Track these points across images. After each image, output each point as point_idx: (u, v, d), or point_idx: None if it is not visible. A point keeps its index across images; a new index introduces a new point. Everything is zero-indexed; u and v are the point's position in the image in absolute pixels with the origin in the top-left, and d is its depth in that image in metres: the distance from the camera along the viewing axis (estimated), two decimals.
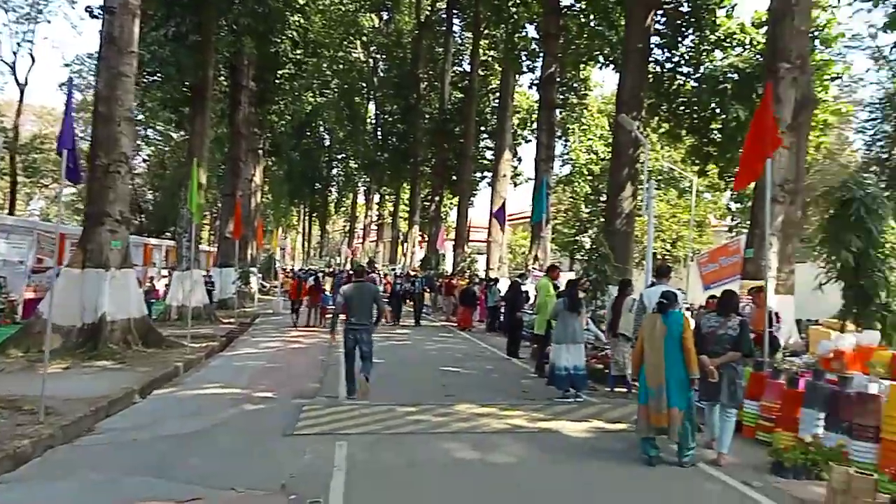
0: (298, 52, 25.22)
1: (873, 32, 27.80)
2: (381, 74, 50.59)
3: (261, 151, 35.14)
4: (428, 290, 24.36)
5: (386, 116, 49.35)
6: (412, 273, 31.81)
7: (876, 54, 27.17)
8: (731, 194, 22.34)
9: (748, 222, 23.75)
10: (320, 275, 28.68)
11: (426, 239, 40.57)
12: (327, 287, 21.20)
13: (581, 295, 9.33)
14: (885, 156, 23.35)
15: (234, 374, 10.22)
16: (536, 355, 11.10)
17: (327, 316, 18.31)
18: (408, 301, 21.82)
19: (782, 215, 12.39)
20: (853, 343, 6.71)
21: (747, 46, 19.91)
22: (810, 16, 14.22)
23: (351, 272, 15.65)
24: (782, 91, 12.05)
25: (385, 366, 11.29)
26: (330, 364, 11.47)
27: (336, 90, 51.30)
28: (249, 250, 30.20)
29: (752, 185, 12.53)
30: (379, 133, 50.02)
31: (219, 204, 33.90)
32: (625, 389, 9.02)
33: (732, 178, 21.03)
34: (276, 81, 26.40)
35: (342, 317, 8.60)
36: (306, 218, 71.91)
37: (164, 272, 26.01)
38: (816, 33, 18.79)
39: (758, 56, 19.14)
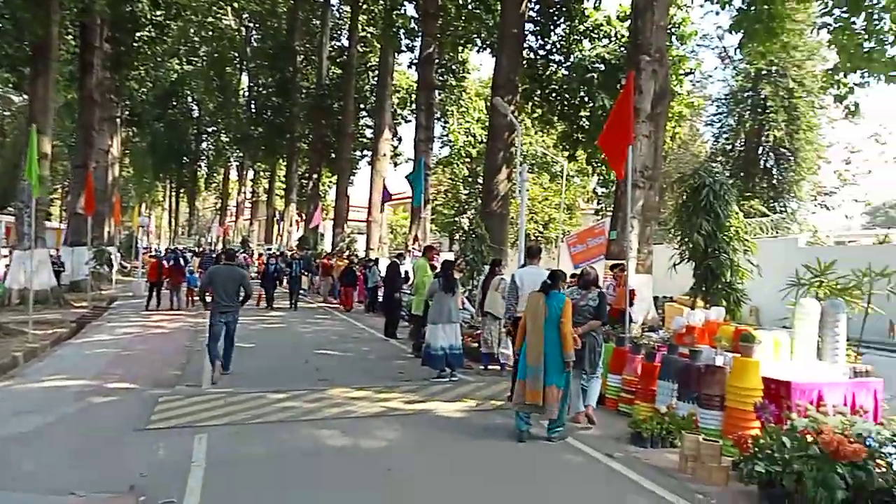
0: (159, 13, 23.24)
1: (720, 33, 30.38)
2: (255, 44, 48.24)
3: (119, 120, 32.32)
4: (306, 272, 23.13)
5: (260, 89, 47.21)
6: (288, 252, 30.77)
7: (722, 54, 29.71)
8: (599, 179, 23.55)
9: (612, 206, 25.10)
10: (189, 255, 26.99)
11: (304, 218, 39.44)
12: (195, 267, 20.01)
13: (457, 275, 9.37)
14: (729, 147, 25.67)
15: (84, 364, 9.30)
16: (414, 335, 11.09)
17: (195, 298, 17.41)
18: (282, 283, 20.99)
19: (642, 200, 13.17)
20: (702, 319, 7.25)
21: (613, 39, 20.94)
22: (668, 12, 15.12)
23: (221, 254, 14.92)
24: (643, 82, 12.73)
25: (255, 350, 10.84)
26: (195, 350, 10.76)
27: (205, 58, 48.38)
28: (107, 228, 27.77)
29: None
30: (253, 106, 47.74)
31: (71, 177, 30.78)
32: (498, 367, 9.23)
33: (600, 164, 22.21)
34: (135, 44, 24.16)
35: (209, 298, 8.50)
36: (173, 194, 67.40)
37: (4, 251, 23.31)
38: (673, 30, 20.12)
39: (622, 48, 20.22)
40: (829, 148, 28.14)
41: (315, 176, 37.33)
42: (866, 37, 13.57)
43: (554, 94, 21.98)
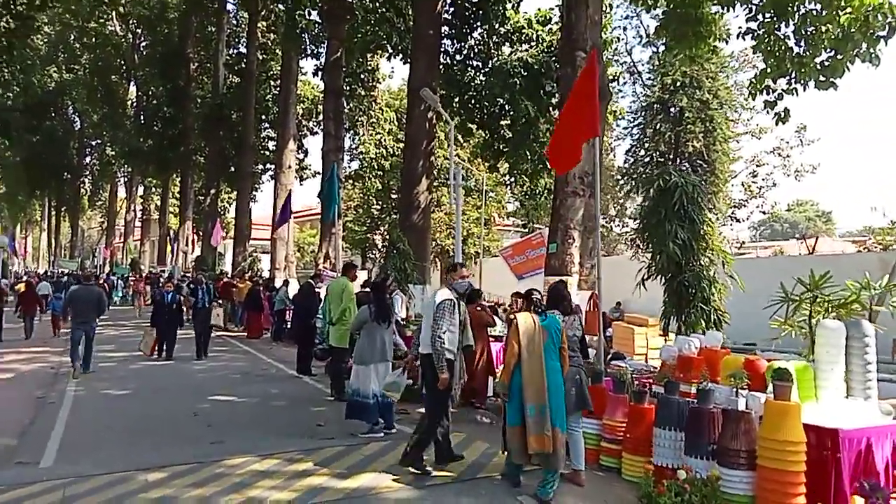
0: (21, 3, 19.89)
1: (629, 48, 30.51)
2: (144, 52, 44.56)
3: None
4: (218, 302, 17.79)
5: (150, 99, 43.51)
6: (186, 275, 27.62)
7: (631, 68, 29.82)
8: (523, 192, 22.54)
9: (540, 219, 23.91)
10: (67, 279, 23.53)
11: (200, 237, 36.22)
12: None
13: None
14: (648, 158, 25.46)
15: None
16: (332, 372, 9.19)
17: (60, 329, 14.98)
18: (186, 319, 14.36)
19: (582, 209, 12.07)
20: (697, 346, 5.96)
21: (534, 43, 20.04)
22: (602, 7, 14.26)
23: (79, 273, 13.34)
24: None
25: (131, 399, 8.65)
26: (47, 403, 8.39)
27: (88, 66, 44.41)
28: None
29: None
30: (142, 117, 43.89)
31: None
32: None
33: (522, 174, 21.20)
34: None
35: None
36: (53, 213, 61.38)
37: None
38: None
39: (545, 53, 19.34)
40: (735, 162, 28.76)
41: (213, 191, 34.32)
42: (794, 41, 13.19)
43: (473, 102, 20.78)
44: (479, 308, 8.22)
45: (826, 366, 5.17)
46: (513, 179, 21.95)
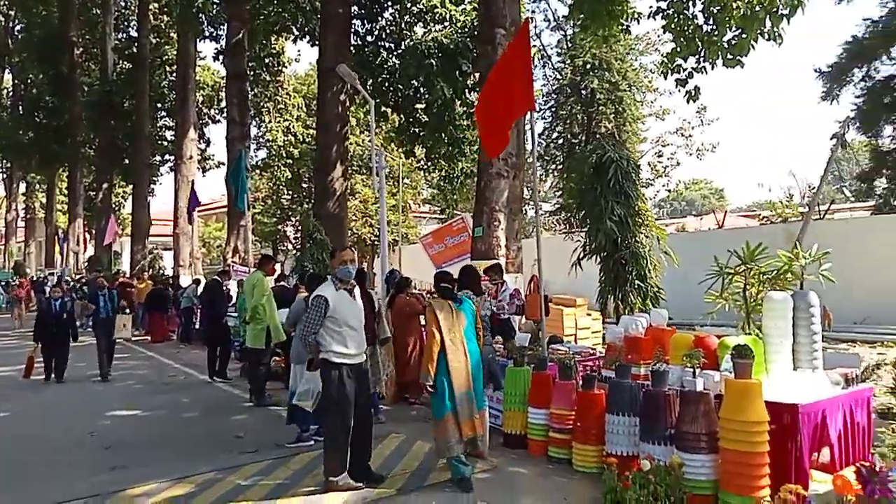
0: None
1: (538, 32, 30.58)
2: (19, 36, 40.63)
3: None
4: (125, 308, 13.89)
5: (29, 87, 39.83)
6: (76, 278, 25.41)
7: (541, 51, 29.98)
8: (440, 175, 22.08)
9: (458, 204, 23.51)
10: None
11: (93, 235, 33.53)
12: None
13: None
14: (561, 140, 25.68)
15: None
16: (250, 375, 8.42)
17: None
18: (75, 333, 11.17)
19: (507, 191, 11.82)
20: (644, 326, 5.71)
21: (447, 23, 19.56)
22: None
23: None
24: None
25: (11, 421, 7.55)
26: None
27: None
28: None
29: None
30: (21, 107, 40.09)
31: None
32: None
33: (440, 158, 20.75)
34: None
35: None
36: None
37: None
38: None
39: (459, 33, 18.91)
40: (643, 142, 29.61)
41: (105, 185, 31.82)
42: (703, 19, 13.41)
43: (387, 84, 20.07)
44: (409, 296, 7.72)
45: (776, 339, 5.00)
46: (430, 164, 21.42)
